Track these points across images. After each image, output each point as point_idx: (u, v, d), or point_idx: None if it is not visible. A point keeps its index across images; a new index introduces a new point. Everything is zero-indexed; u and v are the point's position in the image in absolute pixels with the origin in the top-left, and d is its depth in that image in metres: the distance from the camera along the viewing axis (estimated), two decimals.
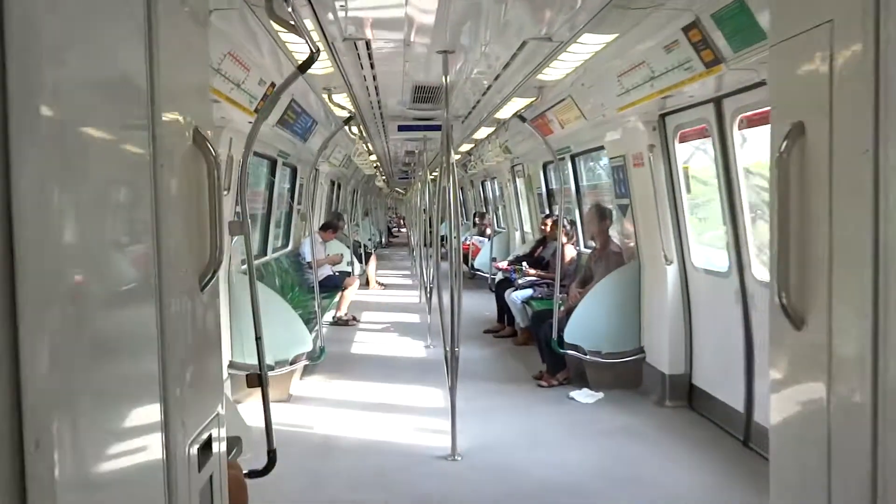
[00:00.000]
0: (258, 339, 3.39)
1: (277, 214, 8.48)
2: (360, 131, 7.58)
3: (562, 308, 5.89)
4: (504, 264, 8.59)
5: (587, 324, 5.79)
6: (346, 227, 13.75)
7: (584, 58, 4.32)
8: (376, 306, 10.73)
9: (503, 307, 8.37)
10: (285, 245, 9.04)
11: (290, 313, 5.71)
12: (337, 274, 9.33)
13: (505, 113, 6.44)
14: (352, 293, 9.21)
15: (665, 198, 5.24)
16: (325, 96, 5.49)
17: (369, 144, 9.93)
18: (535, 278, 7.66)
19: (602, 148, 6.76)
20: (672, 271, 5.31)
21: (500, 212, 14.73)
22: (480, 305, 10.48)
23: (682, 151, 5.11)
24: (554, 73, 4.81)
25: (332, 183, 14.28)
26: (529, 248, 8.73)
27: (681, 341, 5.33)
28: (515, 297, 7.60)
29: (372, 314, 9.99)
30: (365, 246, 13.33)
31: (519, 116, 5.95)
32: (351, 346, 7.96)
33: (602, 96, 5.27)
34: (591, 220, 6.23)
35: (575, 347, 5.80)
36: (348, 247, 10.82)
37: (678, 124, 5.05)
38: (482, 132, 8.72)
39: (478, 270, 12.28)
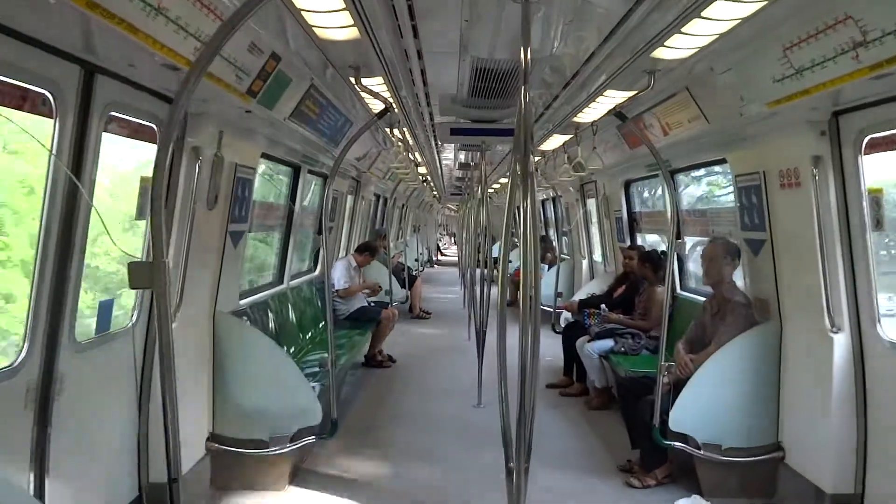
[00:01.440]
0: None
1: (301, 233, 7.09)
2: (403, 134, 6.11)
3: (665, 380, 4.23)
4: (574, 303, 6.93)
5: (702, 405, 4.13)
6: (390, 246, 12.35)
7: (725, 25, 2.75)
8: (418, 343, 9.21)
9: (572, 357, 6.75)
10: (312, 269, 7.63)
11: (290, 369, 4.23)
12: (373, 305, 7.86)
13: (591, 113, 4.88)
14: (388, 328, 7.71)
15: (834, 234, 3.59)
16: (352, 79, 4.04)
17: (416, 153, 8.47)
18: (617, 326, 6.02)
19: (719, 162, 5.12)
20: (841, 343, 3.63)
21: (563, 237, 13.10)
22: (541, 347, 8.86)
23: (870, 167, 3.44)
24: (671, 51, 3.24)
25: (377, 197, 12.90)
26: (607, 286, 7.07)
27: (850, 446, 3.63)
28: (591, 349, 5.97)
29: (412, 352, 8.47)
30: (410, 269, 11.87)
31: (618, 114, 4.36)
32: (382, 399, 6.45)
33: (746, 83, 3.66)
34: (714, 258, 4.57)
35: (683, 438, 4.15)
36: (387, 265, 9.35)
37: (864, 127, 3.40)
38: (554, 141, 7.17)
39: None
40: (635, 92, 4.15)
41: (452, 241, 35.44)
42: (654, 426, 4.14)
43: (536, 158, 8.97)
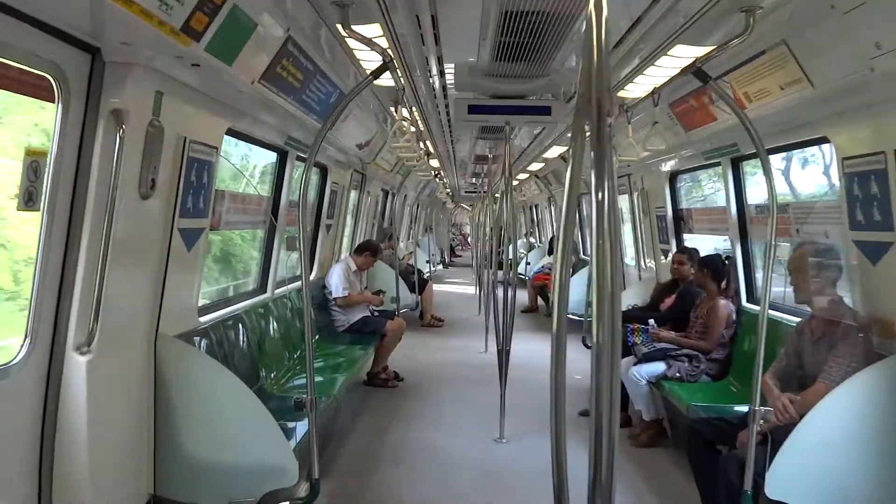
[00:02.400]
0: None
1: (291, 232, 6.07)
2: (410, 112, 5.08)
3: (758, 427, 3.15)
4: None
5: (812, 465, 3.06)
6: (399, 246, 11.35)
7: None
8: (429, 356, 8.16)
9: None
10: (308, 272, 6.60)
11: (257, 413, 3.18)
12: (376, 315, 6.84)
13: (651, 80, 3.84)
14: (395, 343, 6.68)
15: None
16: (341, 27, 3.02)
17: (427, 142, 7.44)
18: (669, 346, 4.95)
19: (813, 142, 4.04)
20: None
21: (583, 236, 12.02)
22: (570, 364, 7.78)
23: None
24: None
25: (385, 193, 11.88)
26: (650, 296, 5.99)
27: None
28: (638, 373, 4.91)
29: (422, 368, 7.43)
30: (420, 272, 10.84)
31: (697, 71, 3.26)
32: (384, 430, 5.41)
33: (889, 23, 2.60)
34: (802, 269, 3.51)
35: None
36: (395, 267, 8.32)
37: None
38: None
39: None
40: (713, 47, 3.11)
41: (466, 241, 34.44)
42: (745, 492, 3.08)
43: (563, 150, 7.93)
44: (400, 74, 3.96)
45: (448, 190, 15.05)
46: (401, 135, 5.72)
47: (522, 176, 12.64)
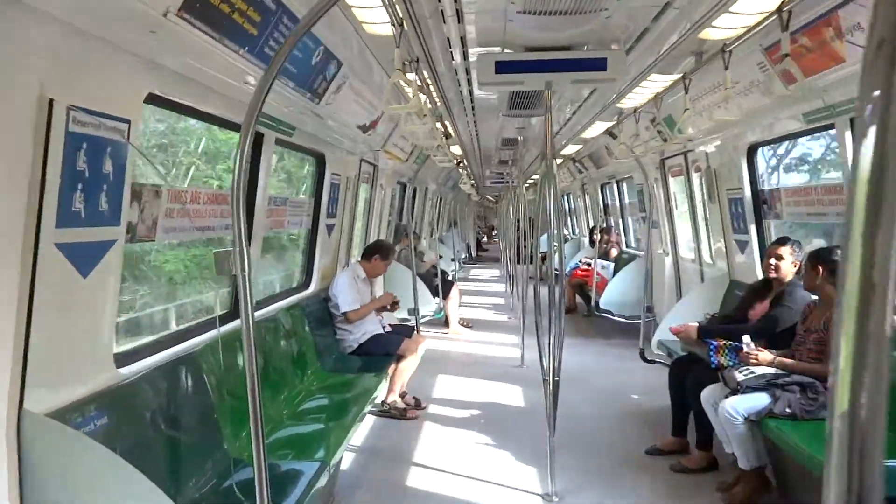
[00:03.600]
0: None
1: (288, 239, 4.97)
2: (422, 78, 3.91)
3: None
4: (691, 328, 4.51)
5: None
6: (420, 245, 10.21)
7: None
8: (456, 371, 7.00)
9: (685, 409, 4.50)
10: (304, 284, 5.47)
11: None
12: (389, 330, 5.69)
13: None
14: (413, 364, 5.52)
15: None
16: None
17: (447, 123, 6.27)
18: (776, 371, 3.72)
19: None
20: None
21: (625, 225, 10.76)
22: (618, 378, 6.57)
23: None
24: None
25: (403, 187, 10.74)
26: (738, 302, 4.72)
27: None
28: (733, 409, 3.68)
29: (448, 389, 6.28)
30: (444, 273, 9.69)
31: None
32: (397, 487, 4.25)
33: None
34: None
35: None
36: (412, 269, 7.16)
37: None
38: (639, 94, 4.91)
39: (605, 312, 8.36)
40: None
41: (492, 234, 33.26)
42: None
43: (605, 129, 6.70)
44: (401, 15, 2.81)
45: (472, 180, 13.85)
46: (409, 110, 4.57)
47: (566, 152, 11.40)
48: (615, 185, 10.38)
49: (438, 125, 5.94)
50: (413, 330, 5.99)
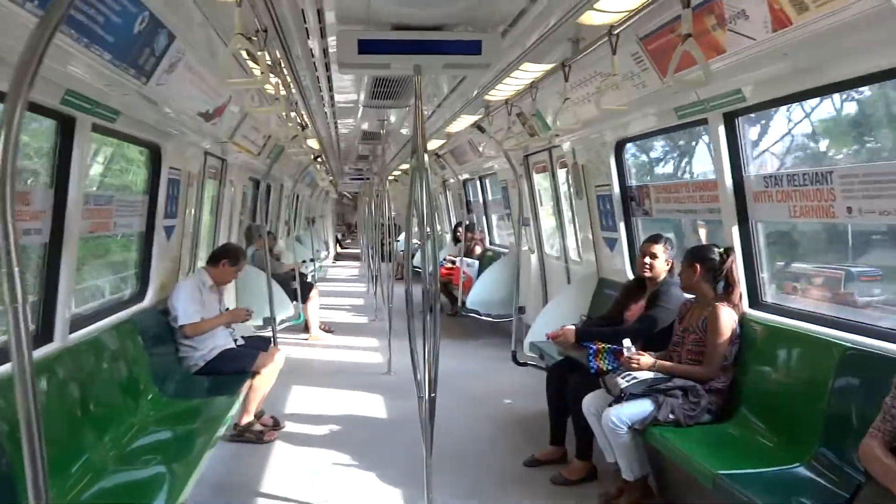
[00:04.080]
0: None
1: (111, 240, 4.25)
2: (273, 56, 3.39)
3: None
4: (570, 331, 4.28)
5: None
6: (273, 246, 9.52)
7: None
8: (319, 382, 6.46)
9: (563, 415, 4.30)
10: (138, 296, 4.73)
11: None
12: (242, 343, 5.07)
13: None
14: (270, 380, 4.94)
15: None
16: None
17: (303, 113, 5.73)
18: (656, 375, 3.57)
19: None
20: None
21: (488, 223, 10.68)
22: (489, 381, 6.34)
23: None
24: None
25: (256, 184, 9.97)
26: (612, 303, 4.56)
27: None
28: (618, 417, 3.48)
29: (310, 404, 5.75)
30: (303, 276, 9.08)
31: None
32: None
33: None
34: None
35: None
36: (267, 272, 6.51)
37: None
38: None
39: (472, 312, 8.14)
40: None
41: (352, 229, 32.61)
42: None
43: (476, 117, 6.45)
44: None
45: (330, 177, 13.25)
46: (252, 86, 3.99)
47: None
48: (478, 182, 10.23)
49: (294, 115, 5.38)
50: (269, 342, 5.40)
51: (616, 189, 5.15)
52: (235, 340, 5.03)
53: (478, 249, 10.05)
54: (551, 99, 4.73)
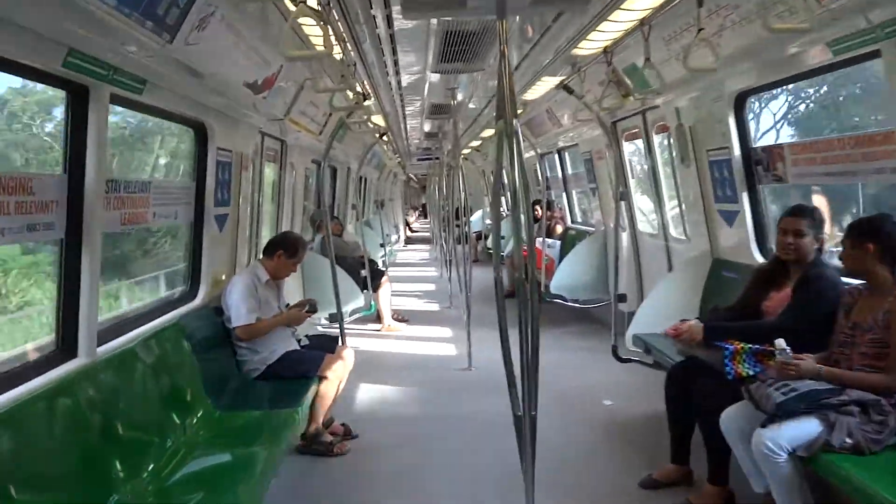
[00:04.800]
0: None
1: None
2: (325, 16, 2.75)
3: None
4: (696, 327, 3.46)
5: None
6: (341, 232, 9.01)
7: None
8: (393, 380, 5.87)
9: (688, 428, 3.54)
10: (189, 295, 4.21)
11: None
12: (306, 344, 4.52)
13: None
14: (337, 387, 4.36)
15: None
16: None
17: (364, 82, 5.09)
18: (823, 385, 2.76)
19: None
20: None
21: (569, 199, 9.82)
22: (584, 378, 5.58)
23: None
24: None
25: (318, 165, 9.47)
26: (744, 291, 3.71)
27: None
28: (773, 440, 2.69)
29: (385, 407, 5.17)
30: (374, 263, 8.53)
31: None
32: None
33: None
34: None
35: None
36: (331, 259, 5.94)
37: None
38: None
39: (557, 297, 7.38)
40: None
41: (418, 214, 32.23)
42: None
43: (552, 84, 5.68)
44: None
45: (398, 157, 12.66)
46: (315, 57, 3.40)
47: (486, 133, 10.34)
48: (556, 156, 9.40)
49: (357, 87, 4.74)
50: (336, 340, 4.82)
51: (736, 152, 4.29)
52: (299, 341, 4.48)
53: (559, 229, 9.25)
54: (655, 48, 3.91)
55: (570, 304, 7.29)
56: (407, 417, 4.91)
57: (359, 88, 4.70)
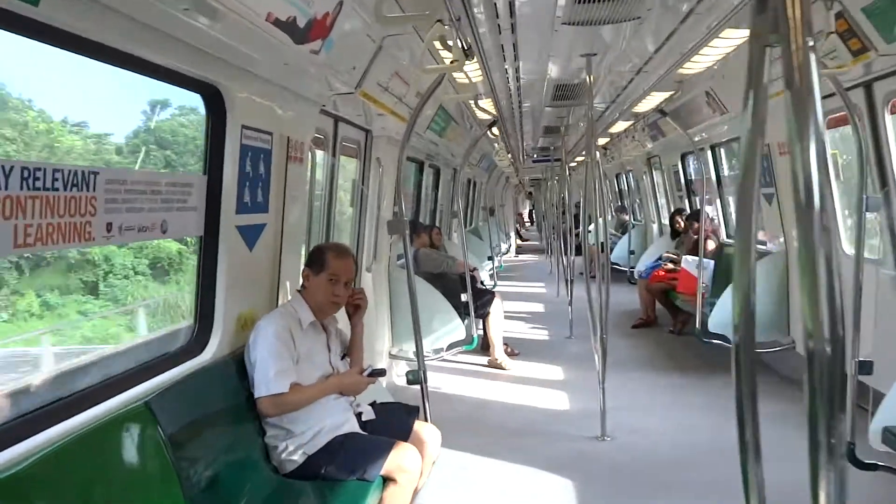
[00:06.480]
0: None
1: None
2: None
3: None
4: None
5: None
6: (442, 244, 7.60)
7: None
8: (501, 449, 4.27)
9: None
10: (192, 346, 2.82)
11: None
12: (372, 418, 3.03)
13: None
14: (406, 495, 2.82)
15: None
16: None
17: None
18: None
19: None
20: None
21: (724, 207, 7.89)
22: (791, 471, 3.74)
23: None
24: None
25: (420, 165, 8.08)
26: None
27: None
28: None
29: (484, 497, 3.63)
30: (481, 282, 7.04)
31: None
32: None
33: None
34: None
35: None
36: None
37: None
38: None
39: (717, 338, 5.53)
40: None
41: (524, 222, 30.72)
42: None
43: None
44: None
45: (510, 156, 11.09)
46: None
47: (616, 129, 8.59)
48: (709, 152, 7.51)
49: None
50: (416, 412, 3.29)
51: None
52: (360, 415, 3.01)
53: (710, 245, 7.37)
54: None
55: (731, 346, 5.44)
56: None
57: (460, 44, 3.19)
